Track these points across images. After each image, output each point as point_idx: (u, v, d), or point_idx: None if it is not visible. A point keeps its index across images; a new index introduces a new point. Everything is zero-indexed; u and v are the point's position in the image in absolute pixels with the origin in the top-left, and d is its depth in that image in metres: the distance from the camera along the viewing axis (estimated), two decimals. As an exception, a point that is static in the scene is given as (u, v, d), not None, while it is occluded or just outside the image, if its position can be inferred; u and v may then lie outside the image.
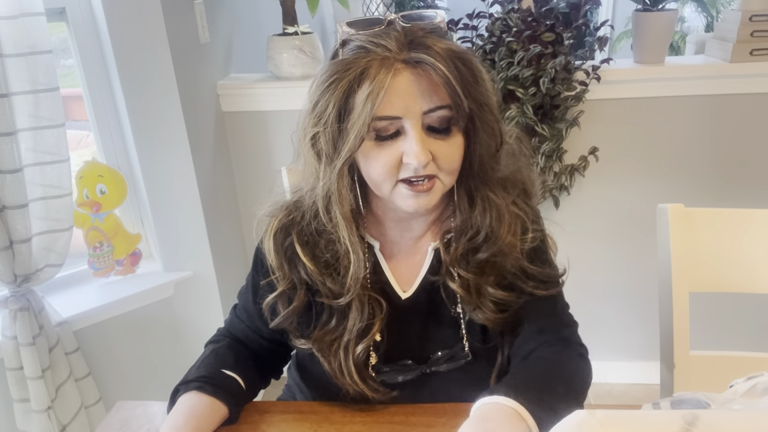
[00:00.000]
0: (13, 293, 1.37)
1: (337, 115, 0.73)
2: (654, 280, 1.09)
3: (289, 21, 1.79)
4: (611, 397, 1.99)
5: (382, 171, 0.75)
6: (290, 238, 0.85)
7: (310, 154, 0.78)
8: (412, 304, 0.87)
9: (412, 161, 0.72)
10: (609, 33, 3.89)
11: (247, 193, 1.97)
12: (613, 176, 1.84)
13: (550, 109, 1.66)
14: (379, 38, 0.72)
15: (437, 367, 0.86)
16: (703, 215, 1.04)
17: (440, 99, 0.72)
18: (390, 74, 0.70)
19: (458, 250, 0.83)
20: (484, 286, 0.82)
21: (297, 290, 0.85)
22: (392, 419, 0.83)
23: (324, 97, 0.74)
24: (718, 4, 4.30)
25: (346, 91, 0.72)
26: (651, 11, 1.73)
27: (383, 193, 0.78)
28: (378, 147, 0.74)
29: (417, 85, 0.71)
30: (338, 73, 0.72)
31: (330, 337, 0.84)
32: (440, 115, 0.73)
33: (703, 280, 1.05)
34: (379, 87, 0.70)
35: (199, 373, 0.85)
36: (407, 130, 0.73)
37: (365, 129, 0.71)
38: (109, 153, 1.61)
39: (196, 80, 1.68)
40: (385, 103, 0.70)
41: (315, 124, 0.76)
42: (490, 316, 0.82)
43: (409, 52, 0.71)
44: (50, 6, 1.40)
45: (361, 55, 0.72)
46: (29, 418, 1.43)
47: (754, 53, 1.66)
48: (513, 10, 1.65)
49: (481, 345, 0.86)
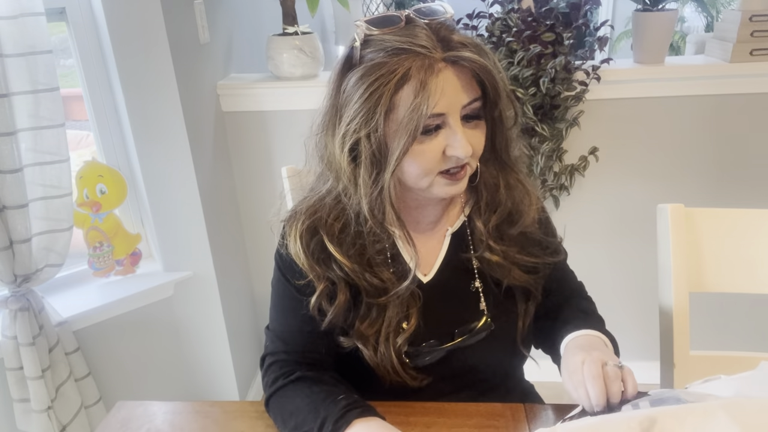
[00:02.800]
0: (13, 293, 1.37)
1: (384, 119, 0.74)
2: (654, 280, 1.09)
3: (289, 21, 1.79)
4: (611, 397, 1.99)
5: (426, 166, 0.77)
6: (317, 237, 0.84)
7: (342, 159, 0.78)
8: (433, 287, 0.89)
9: (458, 153, 0.75)
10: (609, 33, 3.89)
11: (247, 193, 1.97)
12: (613, 176, 1.84)
13: (550, 109, 1.66)
14: (412, 38, 0.73)
15: (463, 342, 0.88)
16: (703, 215, 1.04)
17: (474, 92, 0.76)
18: (434, 75, 0.72)
19: (491, 224, 0.88)
20: (516, 255, 0.89)
21: (337, 285, 0.84)
22: (392, 419, 0.83)
23: (369, 103, 0.73)
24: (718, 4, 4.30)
25: (391, 95, 0.73)
26: (651, 11, 1.73)
27: (420, 186, 0.80)
28: (419, 144, 0.76)
29: (458, 81, 0.74)
30: (382, 77, 0.73)
31: (371, 330, 0.85)
32: (474, 107, 0.77)
33: (703, 280, 1.05)
34: (428, 88, 0.72)
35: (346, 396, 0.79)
36: (451, 125, 0.75)
37: (418, 130, 0.73)
38: (109, 153, 1.61)
39: (196, 80, 1.68)
40: (433, 102, 0.72)
41: (356, 131, 0.75)
42: (524, 278, 0.90)
43: (444, 51, 0.73)
44: (50, 6, 1.40)
45: (401, 57, 0.72)
46: (29, 418, 1.43)
47: (754, 53, 1.66)
48: (513, 10, 1.65)
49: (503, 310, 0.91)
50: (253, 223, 2.01)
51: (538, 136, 1.66)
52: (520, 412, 0.85)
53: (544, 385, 1.07)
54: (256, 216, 1.99)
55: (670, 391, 0.71)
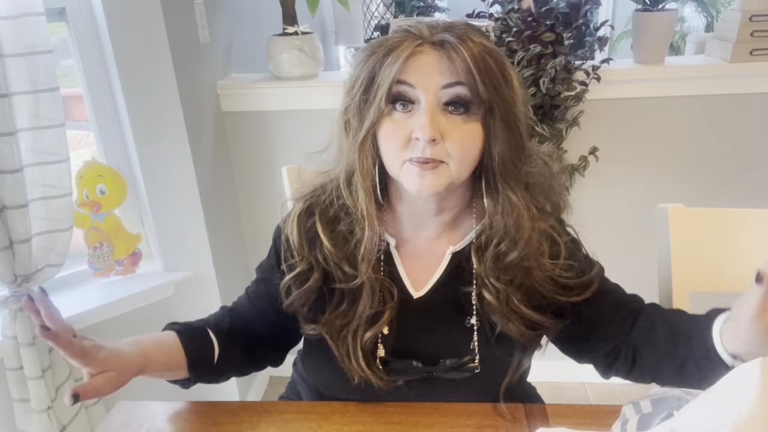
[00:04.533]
0: (13, 293, 1.37)
1: (364, 88, 0.77)
2: (654, 280, 1.08)
3: (289, 21, 1.79)
4: (611, 397, 1.99)
5: (392, 145, 0.76)
6: (313, 218, 0.86)
7: (340, 129, 0.81)
8: (424, 305, 0.87)
9: (419, 134, 0.73)
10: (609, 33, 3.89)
11: (247, 193, 1.97)
12: (613, 176, 1.84)
13: (550, 109, 1.66)
14: (419, 25, 0.76)
15: (445, 374, 0.86)
16: (703, 215, 1.04)
17: (456, 76, 0.74)
18: (411, 48, 0.74)
19: (489, 256, 0.82)
20: (518, 304, 0.82)
21: (313, 272, 0.85)
22: (392, 419, 0.83)
23: (356, 70, 0.78)
24: (718, 4, 4.30)
25: (374, 65, 0.76)
26: (651, 11, 1.73)
27: (393, 172, 0.79)
28: (391, 121, 0.76)
29: (438, 64, 0.74)
30: (371, 48, 0.77)
31: (340, 322, 0.84)
32: (457, 92, 0.74)
33: (703, 280, 1.05)
34: (403, 58, 0.73)
35: (187, 322, 0.90)
36: (421, 103, 0.74)
37: (384, 99, 0.74)
38: (109, 153, 1.61)
39: (196, 80, 1.68)
40: (405, 70, 0.74)
41: (345, 97, 0.80)
42: (520, 332, 0.83)
43: (433, 35, 0.75)
44: (50, 6, 1.40)
45: (396, 36, 0.77)
46: (29, 418, 1.43)
47: (754, 53, 1.66)
48: (513, 10, 1.66)
49: (493, 356, 0.86)
50: (253, 223, 2.01)
51: (538, 136, 1.66)
52: (520, 412, 0.85)
53: (544, 385, 1.08)
54: (256, 216, 1.99)
55: (671, 391, 0.71)
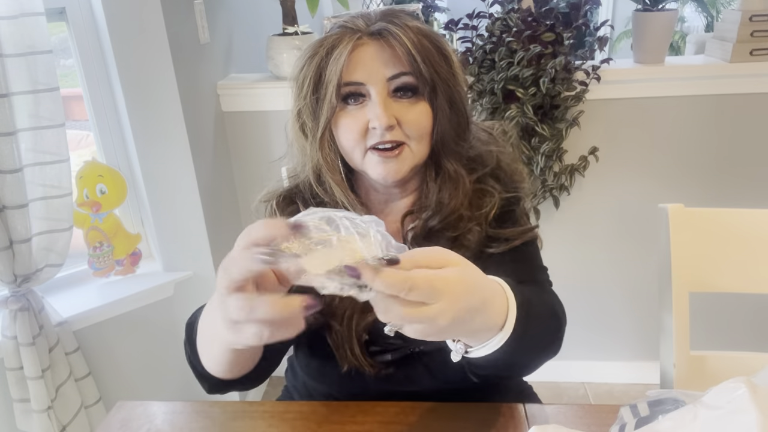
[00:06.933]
0: (13, 293, 1.37)
1: (313, 88, 0.79)
2: (654, 280, 1.08)
3: (289, 21, 1.79)
4: (611, 397, 1.99)
5: (351, 137, 0.79)
6: (294, 206, 0.88)
7: (297, 132, 0.84)
8: None
9: (375, 124, 0.76)
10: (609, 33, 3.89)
11: (247, 193, 1.97)
12: (613, 176, 1.84)
13: (550, 109, 1.66)
14: (354, 18, 0.79)
15: (424, 346, 0.86)
16: (703, 215, 1.04)
17: (401, 66, 0.77)
18: (352, 43, 0.76)
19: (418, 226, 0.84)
20: None
21: None
22: (392, 419, 0.83)
23: (302, 72, 0.80)
24: (718, 4, 4.30)
25: (319, 65, 0.78)
26: (651, 11, 1.73)
27: (356, 164, 0.82)
28: (346, 115, 0.79)
29: (380, 55, 0.77)
30: (312, 49, 0.80)
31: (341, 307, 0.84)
32: (404, 81, 0.78)
33: (703, 280, 1.05)
34: (346, 57, 0.76)
35: None
36: (372, 96, 0.77)
37: (335, 96, 0.77)
38: (109, 153, 1.61)
39: (196, 80, 1.68)
40: (350, 69, 0.76)
41: (296, 100, 0.82)
42: None
43: (370, 26, 0.77)
44: (50, 6, 1.40)
45: (334, 33, 0.79)
46: (29, 418, 1.43)
47: (754, 53, 1.66)
48: (513, 10, 1.66)
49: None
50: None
51: (538, 136, 1.66)
52: (519, 412, 0.85)
53: (543, 385, 1.08)
54: (257, 216, 1.99)
55: (669, 392, 0.71)
